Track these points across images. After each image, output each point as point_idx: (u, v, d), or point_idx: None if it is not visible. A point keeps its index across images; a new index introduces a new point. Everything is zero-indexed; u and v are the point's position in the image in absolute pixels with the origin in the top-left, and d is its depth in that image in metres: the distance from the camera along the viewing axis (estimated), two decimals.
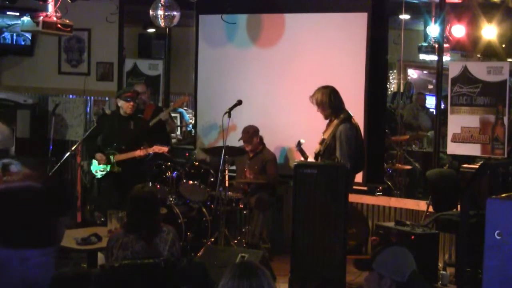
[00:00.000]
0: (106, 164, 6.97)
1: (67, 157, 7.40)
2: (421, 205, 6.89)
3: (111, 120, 7.18)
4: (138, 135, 7.01)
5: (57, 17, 6.38)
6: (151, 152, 6.87)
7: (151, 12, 7.40)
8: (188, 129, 10.37)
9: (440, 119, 7.16)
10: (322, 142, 6.19)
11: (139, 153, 6.86)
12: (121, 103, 7.05)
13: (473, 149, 6.66)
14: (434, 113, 7.72)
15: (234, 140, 7.48)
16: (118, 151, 6.96)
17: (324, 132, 6.25)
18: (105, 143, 7.14)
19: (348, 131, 6.06)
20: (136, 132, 7.03)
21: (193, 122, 9.84)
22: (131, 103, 7.00)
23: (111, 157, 6.95)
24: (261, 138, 7.50)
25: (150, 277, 4.19)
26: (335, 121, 6.15)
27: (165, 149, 6.91)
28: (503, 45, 7.11)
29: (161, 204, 6.36)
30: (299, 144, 6.40)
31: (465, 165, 6.64)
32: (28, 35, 9.42)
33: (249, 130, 7.42)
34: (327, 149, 6.10)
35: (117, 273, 4.16)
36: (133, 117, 7.11)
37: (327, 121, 6.25)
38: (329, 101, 6.16)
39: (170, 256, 4.42)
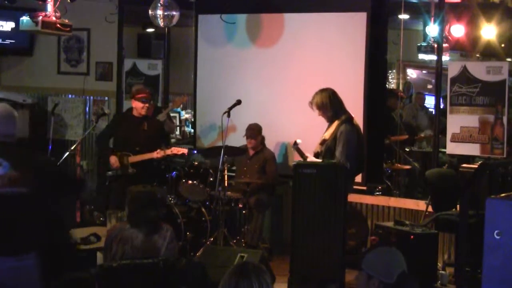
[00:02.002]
0: (120, 167, 6.80)
1: (66, 156, 7.39)
2: (421, 205, 6.89)
3: (125, 121, 7.06)
4: (151, 136, 6.92)
5: (56, 17, 6.36)
6: (169, 154, 6.77)
7: (150, 12, 7.39)
8: (187, 128, 10.35)
9: (440, 119, 7.16)
10: (322, 142, 6.17)
11: (156, 155, 6.74)
12: (135, 104, 6.90)
13: (473, 149, 6.66)
14: (434, 113, 7.72)
15: (234, 140, 7.48)
16: (133, 152, 6.82)
17: (325, 133, 6.23)
18: (118, 145, 6.98)
19: (349, 132, 6.05)
20: (150, 133, 6.91)
21: (188, 116, 9.85)
22: (147, 105, 6.87)
23: (126, 159, 6.80)
24: (262, 138, 7.51)
25: (149, 277, 4.19)
26: (336, 122, 6.13)
27: (184, 150, 6.84)
28: (502, 45, 7.12)
29: (161, 204, 6.36)
30: (295, 144, 6.31)
31: (464, 165, 6.64)
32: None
33: (254, 127, 7.41)
34: (328, 150, 6.08)
35: (116, 273, 4.16)
36: (146, 117, 6.98)
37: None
38: (330, 102, 6.15)
39: (167, 252, 4.43)
